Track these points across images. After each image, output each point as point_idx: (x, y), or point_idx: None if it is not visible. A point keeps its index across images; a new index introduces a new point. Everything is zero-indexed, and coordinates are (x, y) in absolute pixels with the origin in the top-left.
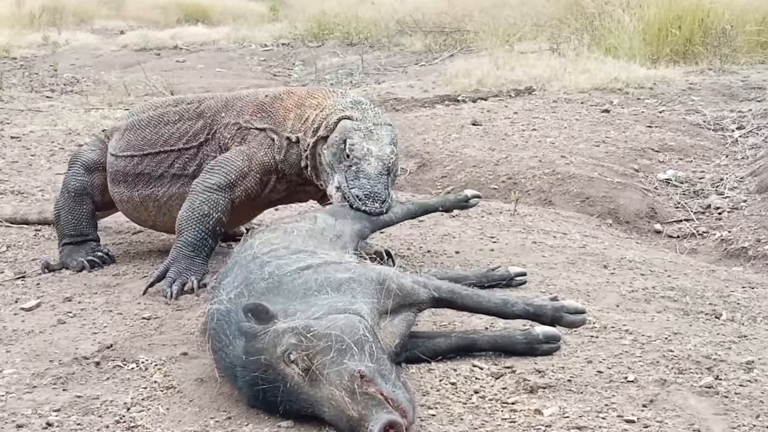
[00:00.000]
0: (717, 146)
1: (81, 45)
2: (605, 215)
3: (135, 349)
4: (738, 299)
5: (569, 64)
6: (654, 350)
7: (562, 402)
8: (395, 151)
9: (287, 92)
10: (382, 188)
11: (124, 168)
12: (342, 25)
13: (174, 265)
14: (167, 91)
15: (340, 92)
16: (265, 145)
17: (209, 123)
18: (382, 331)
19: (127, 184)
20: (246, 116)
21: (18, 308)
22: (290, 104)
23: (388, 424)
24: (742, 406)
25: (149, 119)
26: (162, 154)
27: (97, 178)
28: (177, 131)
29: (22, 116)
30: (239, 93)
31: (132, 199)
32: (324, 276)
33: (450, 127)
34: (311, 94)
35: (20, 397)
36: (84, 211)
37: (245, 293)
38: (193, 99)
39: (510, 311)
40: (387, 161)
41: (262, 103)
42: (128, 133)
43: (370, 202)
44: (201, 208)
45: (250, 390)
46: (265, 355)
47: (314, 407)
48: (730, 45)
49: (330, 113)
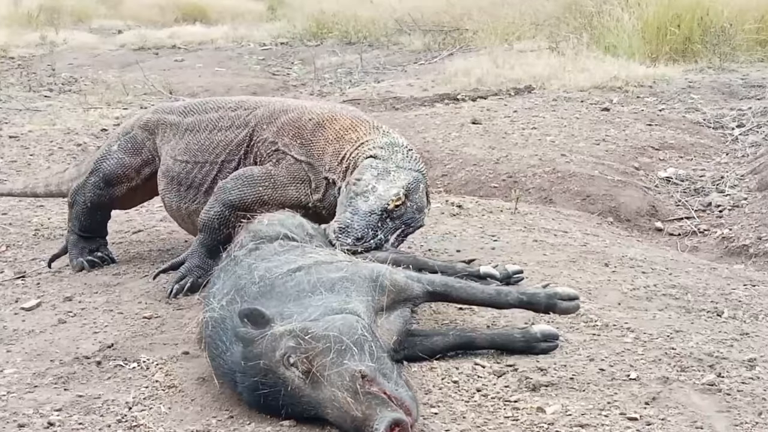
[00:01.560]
0: (717, 144)
1: (79, 44)
2: (606, 213)
3: (136, 348)
4: (739, 297)
5: (569, 62)
6: (656, 348)
7: (565, 400)
8: (401, 196)
9: (330, 119)
10: (363, 225)
11: (178, 175)
12: (341, 24)
13: (189, 259)
14: (166, 91)
15: (382, 130)
16: (298, 180)
17: (251, 134)
18: (380, 328)
19: (179, 194)
20: (285, 139)
21: (18, 308)
22: (331, 135)
23: (393, 423)
24: (745, 404)
25: (209, 121)
26: (207, 166)
27: (119, 191)
28: (224, 140)
29: (21, 116)
30: (287, 104)
31: (180, 211)
32: (316, 276)
33: (450, 125)
34: (354, 126)
35: (21, 397)
36: (98, 218)
37: (237, 299)
38: (251, 104)
39: (504, 301)
40: (386, 202)
41: (304, 128)
42: (188, 135)
43: (343, 236)
44: (213, 221)
45: (250, 395)
46: (264, 359)
47: (317, 409)
48: (730, 43)
49: (362, 153)
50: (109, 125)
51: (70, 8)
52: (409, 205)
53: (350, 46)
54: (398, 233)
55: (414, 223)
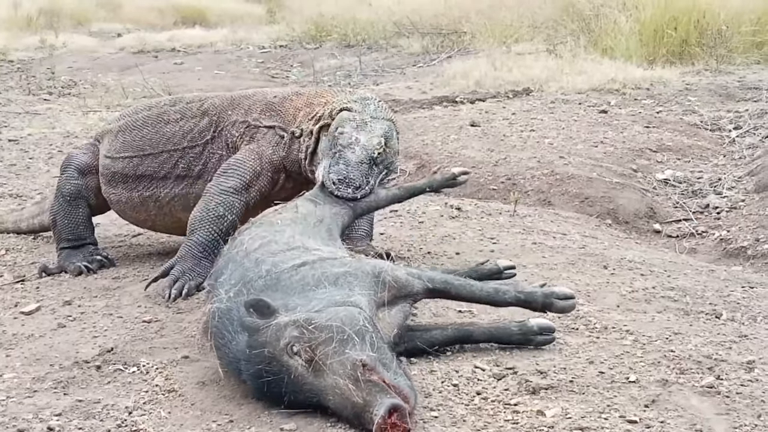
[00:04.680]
0: (714, 146)
1: (78, 48)
2: (604, 215)
3: (136, 352)
4: (738, 299)
5: (566, 65)
6: (655, 350)
7: (565, 403)
8: (383, 144)
9: (296, 93)
10: (358, 175)
11: (123, 169)
12: (339, 27)
13: (180, 263)
14: (165, 93)
15: (348, 91)
16: (273, 143)
17: (215, 120)
18: (381, 322)
19: (126, 186)
20: (255, 114)
21: (18, 312)
22: (300, 103)
23: (392, 408)
24: (744, 406)
25: (146, 119)
26: (164, 154)
27: (92, 181)
28: (180, 130)
29: (20, 119)
30: (245, 92)
31: (131, 200)
32: (321, 271)
33: (448, 128)
34: (320, 93)
35: (21, 402)
36: (80, 214)
37: (244, 291)
38: (194, 98)
39: (502, 299)
40: (371, 151)
41: (272, 102)
42: (123, 135)
43: (343, 186)
44: (216, 210)
45: (254, 382)
46: (269, 348)
47: (318, 397)
48: (726, 46)
49: (334, 107)
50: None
51: (69, 11)
52: (388, 150)
53: (349, 49)
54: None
55: (392, 166)
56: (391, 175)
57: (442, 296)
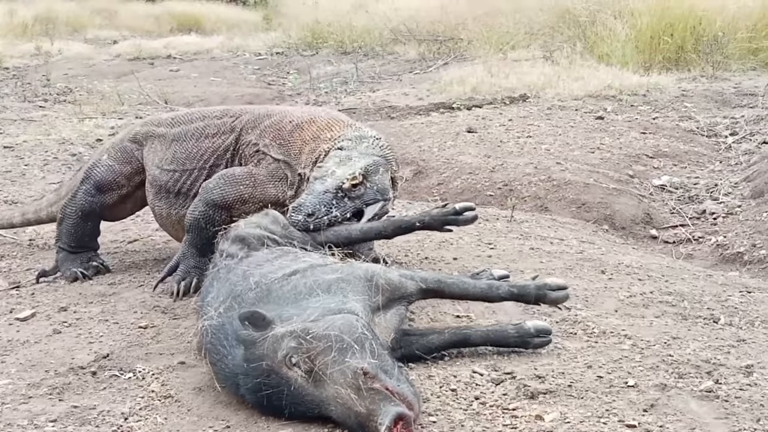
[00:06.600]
0: (711, 152)
1: (74, 54)
2: (601, 221)
3: (132, 358)
4: (735, 303)
5: (563, 71)
6: (653, 355)
7: (563, 407)
8: (359, 177)
9: (309, 121)
10: (315, 202)
11: (166, 184)
12: (336, 34)
13: (183, 261)
14: (161, 100)
15: (355, 126)
16: (276, 178)
17: (237, 138)
18: (377, 327)
19: (168, 202)
20: (266, 140)
21: (13, 318)
22: (308, 136)
23: (397, 417)
24: (743, 410)
25: (195, 131)
26: (196, 172)
27: (110, 198)
28: (212, 146)
29: (15, 126)
30: (270, 110)
31: (170, 218)
32: (312, 279)
33: (445, 134)
34: (329, 125)
35: (16, 408)
36: (88, 227)
37: (235, 305)
38: (236, 111)
39: (496, 294)
40: (340, 180)
41: (284, 129)
42: (175, 145)
43: (295, 213)
44: (199, 221)
45: (253, 396)
46: (266, 360)
47: (320, 407)
48: (722, 52)
49: (333, 145)
50: (104, 135)
51: (65, 19)
52: (369, 186)
53: (345, 56)
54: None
55: (373, 203)
56: (380, 210)
57: (436, 296)
